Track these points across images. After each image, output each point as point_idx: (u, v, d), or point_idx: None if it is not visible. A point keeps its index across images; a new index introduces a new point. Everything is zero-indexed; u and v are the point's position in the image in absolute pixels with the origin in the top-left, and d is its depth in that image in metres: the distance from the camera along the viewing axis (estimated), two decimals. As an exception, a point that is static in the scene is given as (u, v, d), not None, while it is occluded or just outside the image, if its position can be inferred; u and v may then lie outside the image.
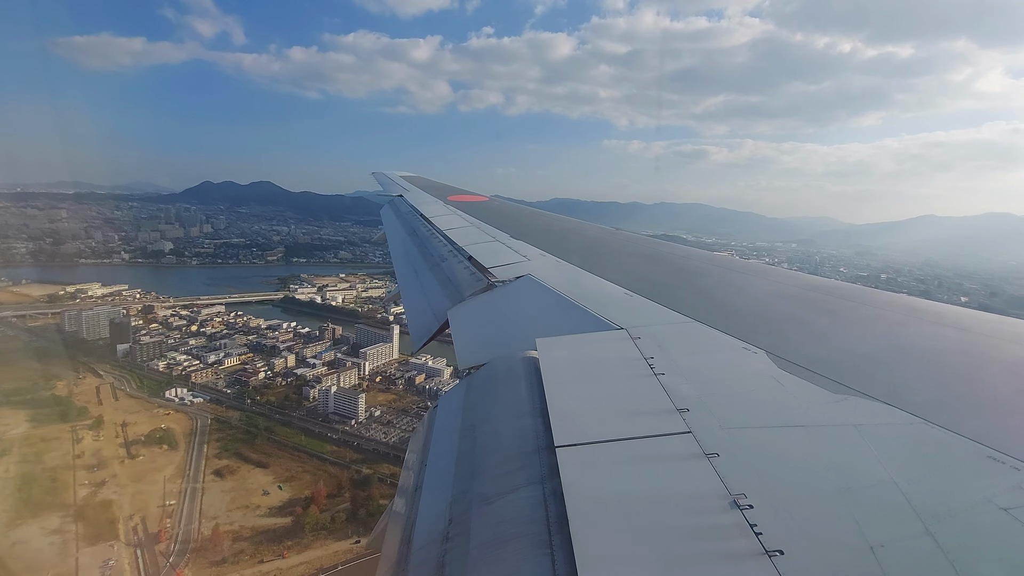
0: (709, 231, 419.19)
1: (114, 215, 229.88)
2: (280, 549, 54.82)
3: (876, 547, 1.88)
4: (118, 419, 74.32)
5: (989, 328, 4.27)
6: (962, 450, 2.47)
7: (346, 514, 59.88)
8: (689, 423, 2.69)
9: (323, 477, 66.78)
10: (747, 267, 7.23)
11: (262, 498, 62.36)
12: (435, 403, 4.04)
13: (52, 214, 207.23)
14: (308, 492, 62.95)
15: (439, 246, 8.68)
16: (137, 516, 57.51)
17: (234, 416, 79.72)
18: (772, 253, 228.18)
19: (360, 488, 64.42)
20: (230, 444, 72.07)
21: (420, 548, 2.48)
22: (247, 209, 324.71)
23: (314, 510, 59.04)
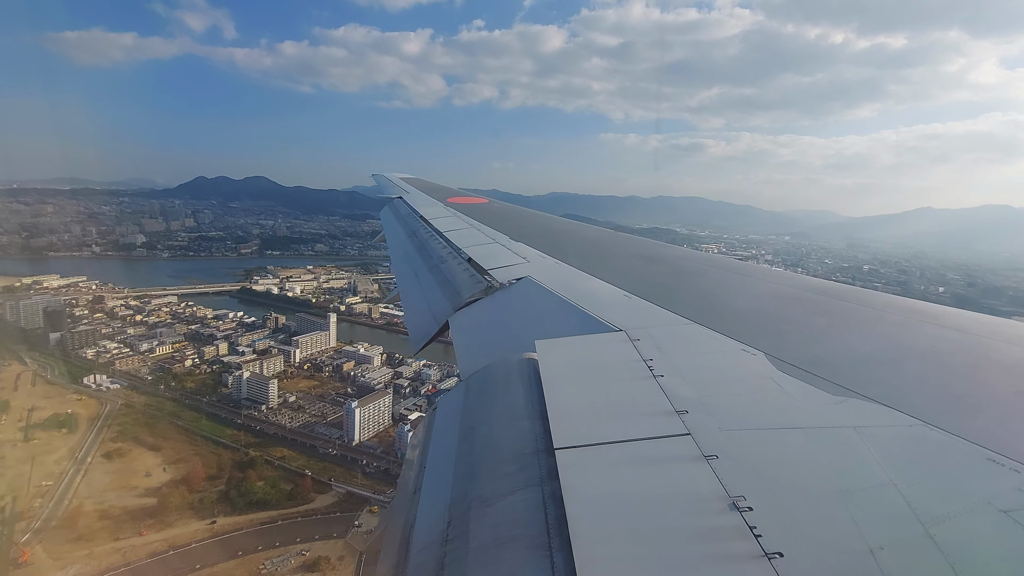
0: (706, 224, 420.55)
1: (101, 210, 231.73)
2: (142, 528, 56.14)
3: (876, 549, 1.88)
4: (29, 404, 75.66)
5: (988, 330, 4.27)
6: (962, 452, 2.47)
7: (218, 495, 61.69)
8: (688, 425, 2.69)
9: (209, 460, 68.30)
10: (746, 268, 7.24)
11: (143, 479, 63.50)
12: (434, 405, 4.03)
13: (39, 209, 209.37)
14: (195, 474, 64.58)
15: (439, 248, 8.68)
16: (9, 496, 58.41)
17: (145, 402, 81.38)
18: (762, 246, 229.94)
19: (241, 470, 66.21)
20: (130, 428, 73.32)
21: (419, 550, 2.47)
22: (238, 204, 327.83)
23: (182, 491, 60.85)
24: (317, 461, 71.02)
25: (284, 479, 65.99)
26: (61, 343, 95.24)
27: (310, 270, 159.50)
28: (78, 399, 79.31)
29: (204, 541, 55.30)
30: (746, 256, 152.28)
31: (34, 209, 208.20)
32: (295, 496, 63.17)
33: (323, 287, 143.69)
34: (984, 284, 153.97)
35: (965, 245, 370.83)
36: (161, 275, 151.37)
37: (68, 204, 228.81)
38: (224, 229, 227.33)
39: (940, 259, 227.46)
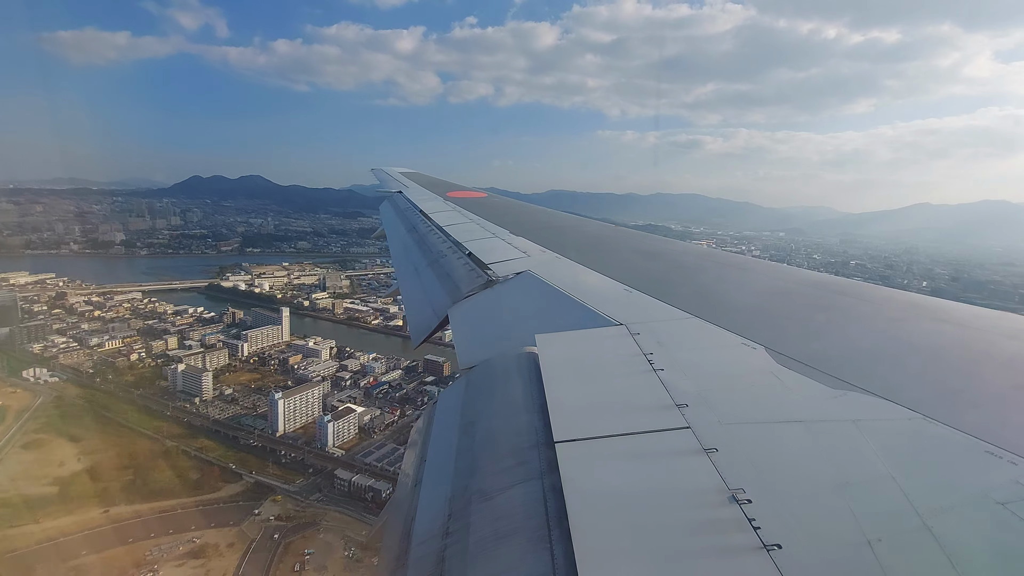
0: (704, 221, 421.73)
1: (91, 209, 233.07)
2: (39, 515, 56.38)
3: (874, 541, 1.90)
4: (-37, 397, 76.22)
5: (987, 324, 4.28)
6: (960, 445, 2.48)
7: (124, 484, 62.28)
8: (688, 419, 2.70)
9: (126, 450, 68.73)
10: (746, 263, 7.24)
11: (55, 469, 63.73)
12: (435, 399, 4.05)
13: (28, 208, 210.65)
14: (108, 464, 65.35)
15: (438, 242, 8.67)
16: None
17: (79, 394, 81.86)
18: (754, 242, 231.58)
19: (154, 460, 67.05)
20: (56, 420, 73.50)
21: (420, 543, 2.49)
22: (232, 203, 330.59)
23: (88, 480, 61.46)
24: (236, 452, 71.48)
25: (195, 469, 66.71)
26: (10, 337, 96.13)
27: (285, 267, 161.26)
28: (12, 392, 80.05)
29: (99, 528, 55.92)
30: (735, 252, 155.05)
31: (23, 208, 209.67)
32: (202, 485, 63.77)
33: (294, 283, 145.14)
34: (967, 279, 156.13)
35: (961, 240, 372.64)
36: (135, 272, 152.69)
37: (60, 203, 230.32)
38: (210, 227, 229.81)
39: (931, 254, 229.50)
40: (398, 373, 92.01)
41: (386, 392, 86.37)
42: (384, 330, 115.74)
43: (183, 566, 52.53)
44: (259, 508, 60.61)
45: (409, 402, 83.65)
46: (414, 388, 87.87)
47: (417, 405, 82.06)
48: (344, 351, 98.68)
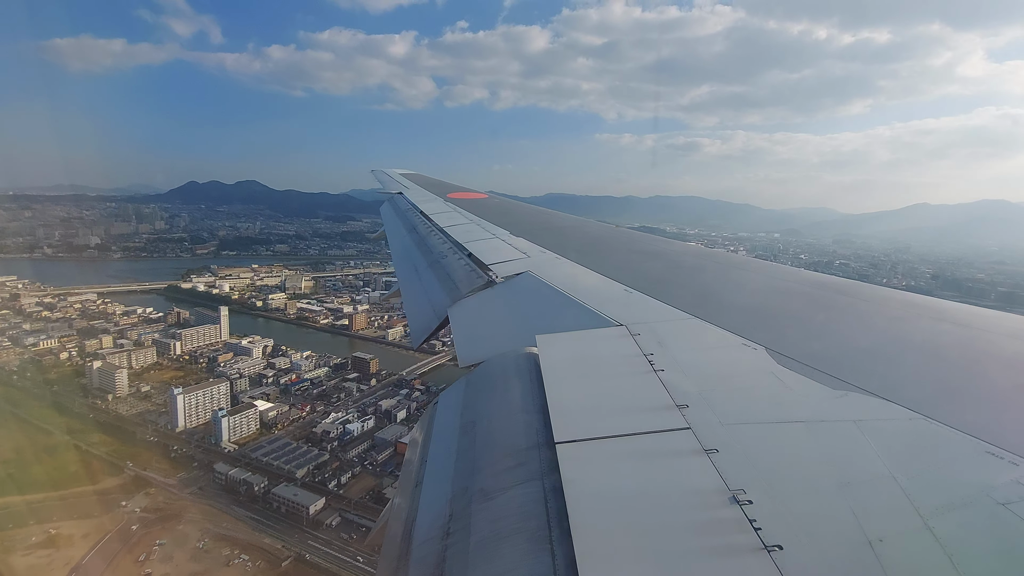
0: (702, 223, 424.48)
1: (81, 215, 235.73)
2: None
3: (875, 541, 1.89)
4: None
5: (988, 324, 4.28)
6: (960, 445, 2.48)
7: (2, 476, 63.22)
8: (688, 419, 2.69)
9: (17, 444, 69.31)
10: (746, 263, 7.23)
11: None
12: (435, 399, 4.05)
13: (17, 214, 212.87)
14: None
15: (439, 243, 8.67)
16: None
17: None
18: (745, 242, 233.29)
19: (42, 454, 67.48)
20: None
21: (421, 544, 2.49)
22: (226, 208, 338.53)
23: None
24: (131, 446, 72.04)
25: (79, 462, 67.02)
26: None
27: (253, 269, 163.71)
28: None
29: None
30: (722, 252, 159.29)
31: (12, 214, 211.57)
32: (80, 478, 63.84)
33: (256, 285, 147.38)
34: (947, 277, 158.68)
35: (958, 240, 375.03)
36: (102, 275, 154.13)
37: (51, 209, 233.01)
38: (193, 231, 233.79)
39: (923, 254, 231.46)
40: (324, 370, 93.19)
41: (306, 389, 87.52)
42: (330, 329, 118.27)
43: (29, 556, 53.05)
44: (128, 500, 61.31)
45: (324, 398, 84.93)
46: (334, 385, 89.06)
47: (331, 401, 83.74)
48: (279, 349, 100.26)
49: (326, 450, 70.62)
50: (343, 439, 72.69)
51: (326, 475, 65.98)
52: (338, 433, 73.54)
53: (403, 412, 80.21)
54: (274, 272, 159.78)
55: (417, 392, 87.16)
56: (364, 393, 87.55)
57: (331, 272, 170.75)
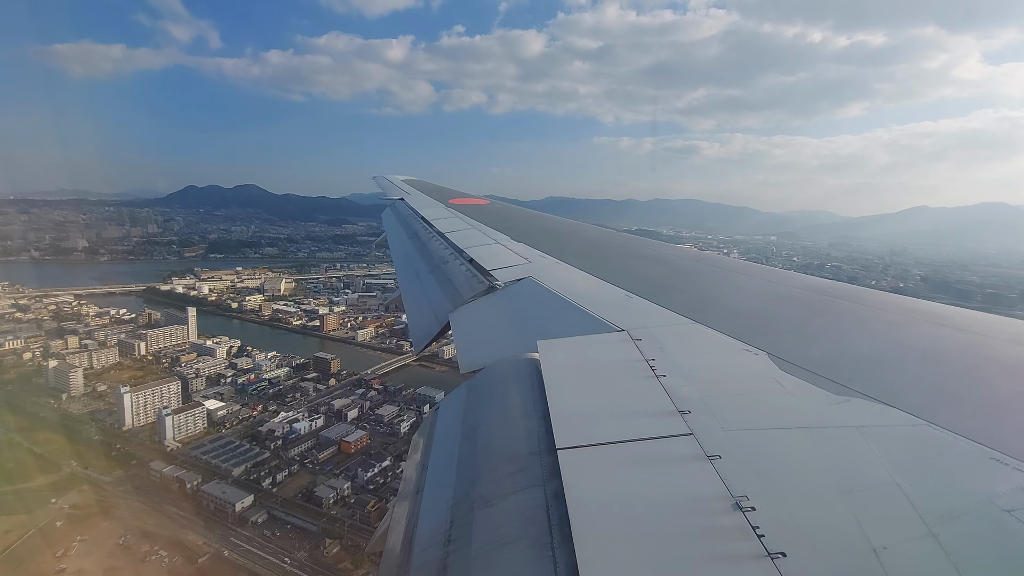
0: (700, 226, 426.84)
1: (77, 219, 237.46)
2: None
3: (879, 549, 1.88)
4: None
5: (990, 329, 4.26)
6: (964, 451, 2.47)
7: None
8: (691, 425, 2.68)
9: None
10: (748, 268, 7.23)
11: None
12: (436, 406, 4.04)
13: (11, 218, 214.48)
14: None
15: (440, 249, 8.68)
16: None
17: None
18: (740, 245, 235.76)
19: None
20: None
21: (421, 551, 2.47)
22: (224, 211, 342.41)
23: None
24: (75, 444, 71.46)
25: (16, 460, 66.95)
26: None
27: (237, 271, 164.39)
28: None
29: None
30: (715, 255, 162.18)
31: (8, 218, 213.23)
32: (15, 475, 63.74)
33: (237, 287, 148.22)
34: (936, 279, 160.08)
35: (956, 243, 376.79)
36: (85, 277, 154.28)
37: (48, 213, 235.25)
38: (185, 234, 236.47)
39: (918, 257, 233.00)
40: (284, 371, 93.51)
41: (263, 389, 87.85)
42: (302, 330, 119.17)
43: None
44: (58, 497, 61.07)
45: (279, 398, 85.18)
46: (292, 385, 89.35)
47: (285, 400, 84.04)
48: (244, 350, 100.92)
49: (268, 449, 70.68)
50: (287, 438, 72.83)
51: (262, 473, 66.02)
52: (283, 432, 73.67)
53: (355, 411, 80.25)
54: (257, 275, 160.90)
55: (374, 392, 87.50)
56: (321, 393, 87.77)
57: (315, 275, 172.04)
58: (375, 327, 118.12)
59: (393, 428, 75.73)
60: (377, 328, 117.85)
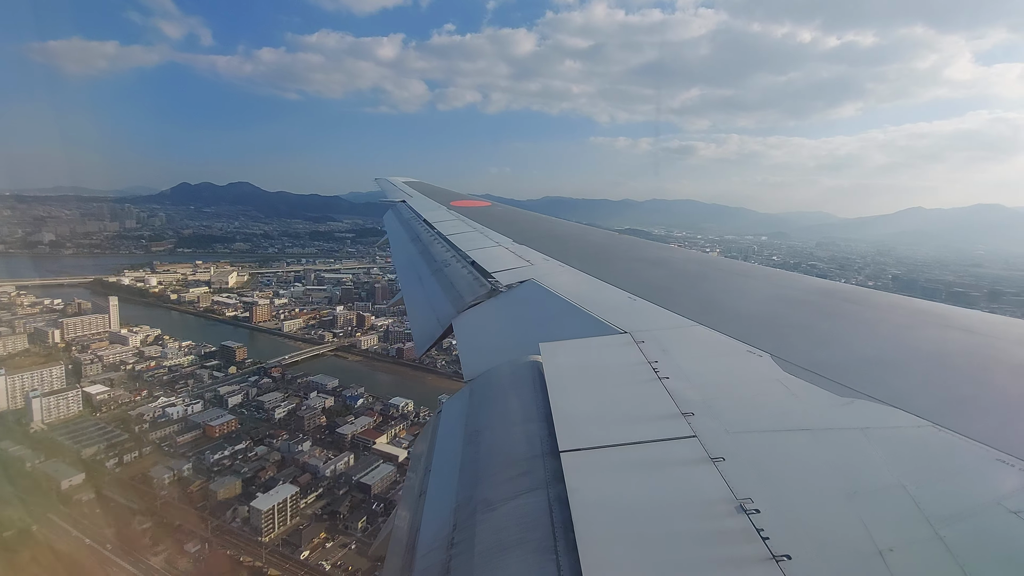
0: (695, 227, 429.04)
1: (60, 214, 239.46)
2: None
3: (885, 551, 1.87)
4: None
5: (996, 330, 4.24)
6: (970, 453, 2.45)
7: None
8: (694, 427, 2.68)
9: None
10: (750, 270, 7.22)
11: None
12: (439, 408, 4.04)
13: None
14: None
15: (442, 251, 8.69)
16: None
17: None
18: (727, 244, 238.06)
19: None
20: None
21: (425, 554, 2.47)
22: (213, 208, 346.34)
23: None
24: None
25: None
26: None
27: (196, 264, 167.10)
28: None
29: None
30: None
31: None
32: None
33: (189, 280, 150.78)
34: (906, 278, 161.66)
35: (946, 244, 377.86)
36: (41, 270, 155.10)
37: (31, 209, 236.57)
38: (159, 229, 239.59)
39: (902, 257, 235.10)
40: (189, 358, 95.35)
41: (161, 375, 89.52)
42: (232, 321, 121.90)
43: None
44: None
45: (170, 384, 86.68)
46: (189, 372, 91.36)
47: (175, 387, 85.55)
48: (160, 338, 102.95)
49: (132, 432, 71.45)
50: (156, 421, 74.06)
51: (111, 454, 66.46)
52: (154, 416, 74.97)
53: (238, 398, 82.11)
54: (214, 268, 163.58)
55: (267, 380, 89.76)
56: (217, 380, 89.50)
57: (276, 269, 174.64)
58: (306, 319, 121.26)
59: (269, 414, 77.90)
60: (307, 320, 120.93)
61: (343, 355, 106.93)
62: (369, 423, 76.85)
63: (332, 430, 75.27)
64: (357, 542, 55.60)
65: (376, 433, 74.45)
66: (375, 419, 78.09)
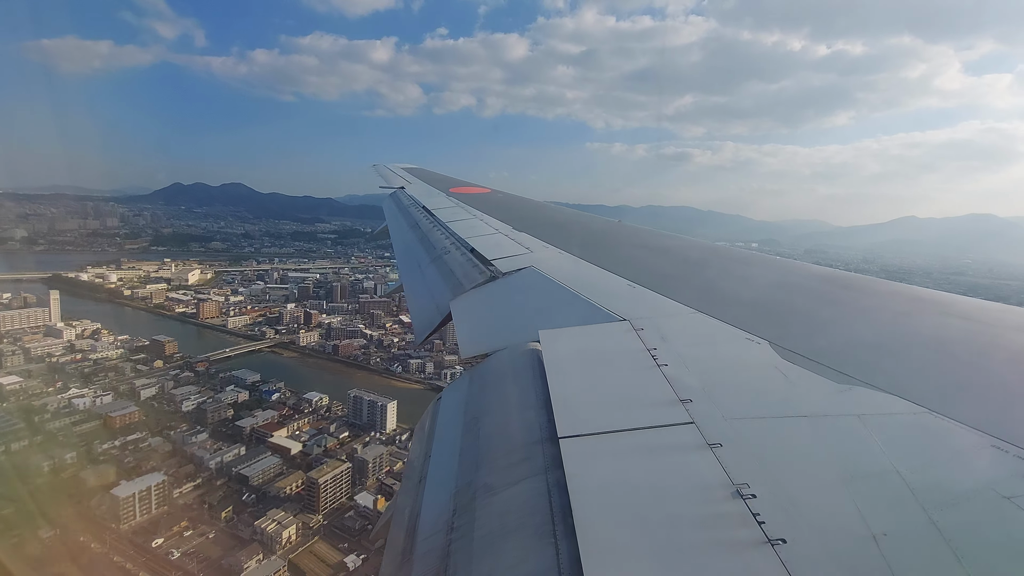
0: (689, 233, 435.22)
1: (45, 212, 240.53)
2: None
3: (879, 536, 1.89)
4: None
5: (993, 317, 4.25)
6: (965, 439, 2.47)
7: None
8: (692, 414, 2.69)
9: None
10: (750, 257, 7.21)
11: None
12: (439, 395, 4.06)
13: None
14: None
15: (441, 238, 8.66)
16: None
17: None
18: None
19: None
20: None
21: (425, 538, 2.50)
22: (205, 209, 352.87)
23: None
24: None
25: None
26: None
27: (164, 262, 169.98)
28: None
29: None
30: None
31: None
32: None
33: (151, 277, 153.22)
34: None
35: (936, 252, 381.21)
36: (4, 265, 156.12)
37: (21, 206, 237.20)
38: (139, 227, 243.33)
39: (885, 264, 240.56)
40: (119, 352, 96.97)
41: (84, 368, 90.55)
42: (179, 317, 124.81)
43: None
44: None
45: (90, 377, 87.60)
46: (113, 365, 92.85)
47: (94, 380, 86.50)
48: (97, 332, 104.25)
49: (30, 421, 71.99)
50: (61, 412, 74.74)
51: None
52: (58, 407, 75.73)
53: (152, 391, 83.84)
54: (181, 266, 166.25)
55: (188, 374, 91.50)
56: (140, 373, 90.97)
57: (244, 267, 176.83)
58: (254, 316, 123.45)
59: (177, 406, 79.55)
60: (255, 317, 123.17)
61: (279, 351, 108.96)
62: (274, 416, 78.64)
63: (235, 423, 76.90)
64: (217, 531, 56.68)
65: (278, 427, 76.09)
66: (283, 413, 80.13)
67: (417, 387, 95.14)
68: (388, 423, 78.92)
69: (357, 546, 56.58)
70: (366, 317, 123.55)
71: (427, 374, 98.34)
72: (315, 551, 56.42)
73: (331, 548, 56.71)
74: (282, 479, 65.09)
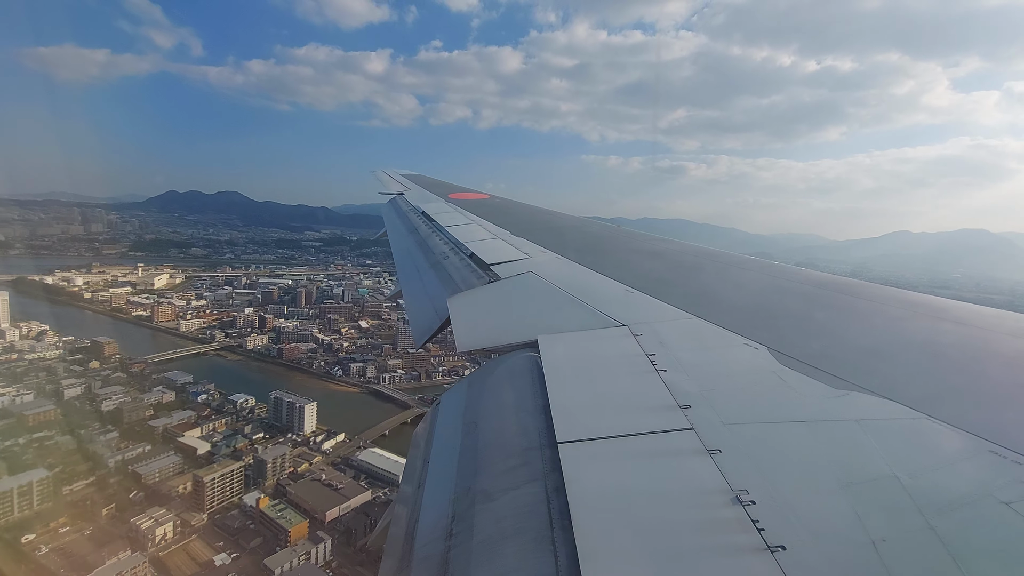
0: None
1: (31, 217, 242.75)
2: None
3: (878, 541, 1.89)
4: None
5: (990, 322, 4.27)
6: (963, 444, 2.48)
7: None
8: (691, 419, 2.69)
9: None
10: (748, 263, 7.23)
11: None
12: (437, 400, 4.05)
13: None
14: None
15: (440, 243, 8.67)
16: None
17: None
18: None
19: None
20: None
21: (423, 544, 2.49)
22: (198, 216, 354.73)
23: None
24: None
25: None
26: None
27: (137, 267, 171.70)
28: None
29: None
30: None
31: None
32: None
33: (118, 281, 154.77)
34: None
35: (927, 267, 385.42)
36: None
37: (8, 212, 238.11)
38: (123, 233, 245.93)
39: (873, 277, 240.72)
40: (57, 352, 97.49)
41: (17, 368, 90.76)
42: (134, 320, 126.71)
43: None
44: None
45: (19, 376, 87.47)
46: (49, 365, 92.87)
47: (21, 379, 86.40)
48: (43, 333, 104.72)
49: None
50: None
51: None
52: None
53: (78, 390, 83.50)
54: (150, 271, 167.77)
55: (120, 374, 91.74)
56: (73, 373, 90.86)
57: (217, 273, 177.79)
58: (209, 320, 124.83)
59: (96, 406, 79.61)
60: (210, 321, 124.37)
61: (224, 354, 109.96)
62: (191, 417, 78.98)
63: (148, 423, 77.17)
64: (95, 529, 56.62)
65: (192, 427, 76.68)
66: (203, 414, 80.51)
67: (353, 391, 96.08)
68: (307, 425, 79.32)
69: (234, 545, 57.21)
70: (324, 322, 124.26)
71: (366, 378, 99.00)
72: (188, 549, 56.82)
73: (207, 546, 57.13)
74: (178, 478, 65.41)
